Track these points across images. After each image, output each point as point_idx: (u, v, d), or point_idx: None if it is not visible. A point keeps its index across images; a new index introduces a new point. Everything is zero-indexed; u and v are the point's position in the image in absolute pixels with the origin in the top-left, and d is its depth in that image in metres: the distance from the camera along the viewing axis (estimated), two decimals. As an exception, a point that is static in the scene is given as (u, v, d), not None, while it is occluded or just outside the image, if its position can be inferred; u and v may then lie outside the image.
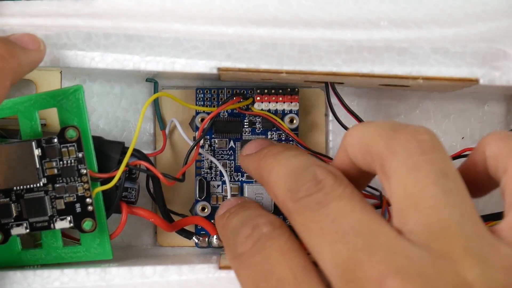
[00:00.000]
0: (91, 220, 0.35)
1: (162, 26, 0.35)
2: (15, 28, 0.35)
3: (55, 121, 0.37)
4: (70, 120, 0.35)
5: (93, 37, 0.35)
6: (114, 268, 0.35)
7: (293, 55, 0.34)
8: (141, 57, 0.35)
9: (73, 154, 0.35)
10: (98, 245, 0.36)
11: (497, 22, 0.34)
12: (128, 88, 0.41)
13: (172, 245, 0.42)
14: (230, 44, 0.34)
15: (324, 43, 0.34)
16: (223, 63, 0.35)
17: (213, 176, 0.41)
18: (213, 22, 0.35)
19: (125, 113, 0.42)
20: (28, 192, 0.35)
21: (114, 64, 0.35)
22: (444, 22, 0.34)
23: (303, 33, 0.34)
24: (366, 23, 0.34)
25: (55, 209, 0.35)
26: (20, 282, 0.34)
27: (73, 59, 0.35)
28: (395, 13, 0.35)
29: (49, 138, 0.34)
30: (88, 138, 0.35)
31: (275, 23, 0.34)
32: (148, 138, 0.42)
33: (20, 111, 0.35)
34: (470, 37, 0.34)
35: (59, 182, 0.35)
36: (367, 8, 0.35)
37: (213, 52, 0.35)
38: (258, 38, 0.34)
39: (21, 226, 0.35)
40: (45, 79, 0.39)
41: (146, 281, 0.34)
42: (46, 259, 0.36)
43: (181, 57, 0.35)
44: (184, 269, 0.34)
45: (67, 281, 0.34)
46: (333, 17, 0.35)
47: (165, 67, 0.35)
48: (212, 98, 0.41)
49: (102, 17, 0.35)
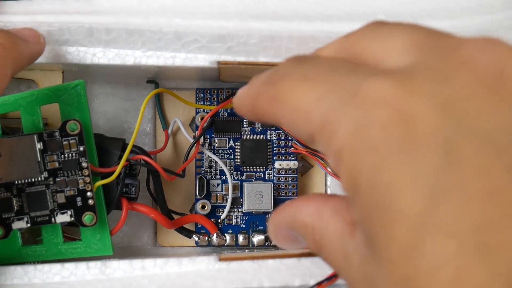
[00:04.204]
0: (91, 214, 0.35)
1: (163, 21, 0.35)
2: (17, 25, 0.36)
3: (57, 119, 0.37)
4: (71, 115, 0.35)
5: (94, 33, 0.36)
6: (114, 261, 0.35)
7: (292, 48, 0.35)
8: (142, 52, 0.36)
9: (75, 147, 0.35)
10: (99, 240, 0.36)
11: (492, 15, 0.35)
12: (129, 89, 0.42)
13: (172, 245, 0.42)
14: (230, 37, 0.35)
15: (322, 35, 0.34)
16: (223, 56, 0.35)
17: (213, 175, 0.41)
18: (213, 16, 0.35)
19: (126, 114, 0.42)
20: (29, 186, 0.35)
21: (115, 60, 0.36)
22: (440, 15, 0.35)
23: (301, 26, 0.35)
24: (363, 16, 0.35)
25: (56, 203, 0.35)
26: (21, 277, 0.34)
27: (75, 55, 0.36)
28: (392, 7, 0.35)
29: (51, 131, 0.35)
30: (90, 132, 0.35)
31: (274, 17, 0.35)
32: (149, 138, 0.42)
33: (22, 106, 0.35)
34: (465, 28, 0.34)
35: (60, 175, 0.35)
36: (364, 3, 0.35)
37: (213, 46, 0.35)
38: (257, 31, 0.35)
39: (22, 220, 0.35)
40: (47, 79, 0.40)
41: (147, 273, 0.34)
42: (47, 255, 0.36)
43: (181, 51, 0.36)
44: (184, 261, 0.34)
45: (67, 275, 0.34)
46: (330, 12, 0.35)
47: (165, 62, 0.36)
48: (212, 98, 0.41)
49: (104, 14, 0.36)
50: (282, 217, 0.28)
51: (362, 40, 0.23)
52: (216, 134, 0.41)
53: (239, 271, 0.34)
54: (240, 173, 0.41)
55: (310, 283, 0.35)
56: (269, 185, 0.40)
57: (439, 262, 0.17)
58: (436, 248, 0.17)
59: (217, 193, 0.41)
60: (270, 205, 0.40)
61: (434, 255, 0.17)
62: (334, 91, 0.21)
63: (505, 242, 0.17)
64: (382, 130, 0.19)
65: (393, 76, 0.19)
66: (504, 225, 0.17)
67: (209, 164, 0.41)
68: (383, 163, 0.18)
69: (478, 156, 0.18)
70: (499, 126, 0.18)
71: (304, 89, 0.21)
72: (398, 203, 0.18)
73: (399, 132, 0.18)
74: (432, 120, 0.18)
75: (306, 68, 0.22)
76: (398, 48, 0.21)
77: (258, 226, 0.41)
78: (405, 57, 0.21)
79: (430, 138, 0.18)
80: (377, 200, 0.19)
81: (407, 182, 0.18)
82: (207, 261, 0.34)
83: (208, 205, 0.41)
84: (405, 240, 0.18)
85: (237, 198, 0.41)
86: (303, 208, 0.26)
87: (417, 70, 0.20)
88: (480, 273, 0.17)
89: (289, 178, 0.41)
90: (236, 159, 0.41)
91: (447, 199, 0.17)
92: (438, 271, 0.17)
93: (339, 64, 0.22)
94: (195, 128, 0.41)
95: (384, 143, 0.19)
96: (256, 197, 0.40)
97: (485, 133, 0.18)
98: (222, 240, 0.40)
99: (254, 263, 0.34)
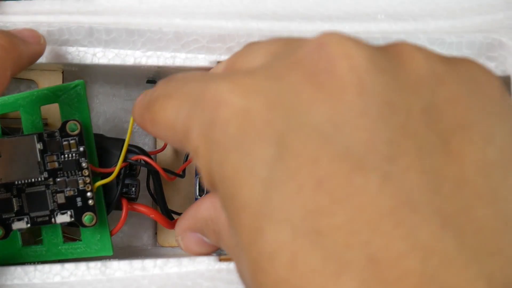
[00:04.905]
0: (91, 214, 0.35)
1: (163, 21, 0.35)
2: (17, 25, 0.36)
3: (57, 120, 0.37)
4: (71, 115, 0.35)
5: (94, 33, 0.36)
6: (114, 262, 0.35)
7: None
8: (142, 52, 0.36)
9: (75, 147, 0.35)
10: (99, 240, 0.36)
11: (492, 14, 0.35)
12: (129, 89, 0.42)
13: (172, 245, 0.42)
14: (230, 37, 0.35)
15: (322, 35, 0.34)
16: (223, 56, 0.35)
17: (213, 175, 0.41)
18: (213, 17, 0.35)
19: (126, 114, 0.42)
20: (29, 186, 0.35)
21: (115, 60, 0.36)
22: (440, 15, 0.35)
23: (302, 26, 0.35)
24: (363, 16, 0.35)
25: (56, 203, 0.35)
26: (21, 277, 0.34)
27: (75, 55, 0.36)
28: (392, 7, 0.35)
29: (51, 131, 0.35)
30: (90, 132, 0.35)
31: (274, 17, 0.35)
32: (149, 138, 0.42)
33: (22, 106, 0.35)
34: (465, 28, 0.34)
35: (60, 176, 0.35)
36: (364, 3, 0.35)
37: (213, 46, 0.35)
38: (257, 31, 0.35)
39: (22, 220, 0.35)
40: (47, 79, 0.40)
41: (147, 274, 0.34)
42: (47, 256, 0.36)
43: (181, 52, 0.36)
44: (184, 261, 0.34)
45: (67, 276, 0.34)
46: (330, 12, 0.35)
47: (165, 62, 0.36)
48: (212, 98, 0.41)
49: (104, 14, 0.36)
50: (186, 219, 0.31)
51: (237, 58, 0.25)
52: (216, 134, 0.41)
53: (239, 271, 0.34)
54: (240, 173, 0.41)
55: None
56: (269, 185, 0.40)
57: (276, 247, 0.19)
58: (273, 235, 0.19)
59: (217, 193, 0.41)
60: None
61: (272, 241, 0.19)
62: (187, 100, 0.23)
63: (333, 226, 0.18)
64: (221, 127, 0.20)
65: (231, 78, 0.21)
66: (332, 211, 0.18)
67: (209, 164, 0.41)
68: (226, 158, 0.20)
69: (306, 147, 0.19)
70: (325, 118, 0.19)
71: (168, 106, 0.24)
72: (240, 194, 0.20)
73: (235, 127, 0.20)
74: (264, 115, 0.20)
75: (170, 86, 0.25)
76: (257, 58, 0.23)
77: (258, 226, 0.41)
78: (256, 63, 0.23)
79: (262, 132, 0.20)
80: (226, 192, 0.20)
81: (245, 174, 0.20)
82: (207, 261, 0.34)
83: (208, 205, 0.41)
84: (249, 227, 0.19)
85: (237, 198, 0.41)
86: (201, 205, 0.30)
87: (255, 71, 0.21)
88: (313, 256, 0.18)
89: (289, 178, 0.41)
90: (236, 159, 0.41)
91: (280, 189, 0.19)
92: (277, 255, 0.19)
93: (193, 77, 0.24)
94: (195, 128, 0.41)
95: (224, 139, 0.20)
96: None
97: (313, 125, 0.19)
98: (222, 240, 0.40)
99: (254, 263, 0.34)
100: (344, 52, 0.20)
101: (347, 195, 0.18)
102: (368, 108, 0.19)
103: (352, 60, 0.20)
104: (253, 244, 0.19)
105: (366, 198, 0.18)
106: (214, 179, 0.21)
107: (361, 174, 0.18)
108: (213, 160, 0.21)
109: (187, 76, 0.25)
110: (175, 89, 0.24)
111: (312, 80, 0.20)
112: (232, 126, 0.20)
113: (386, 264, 0.18)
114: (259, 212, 0.19)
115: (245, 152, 0.20)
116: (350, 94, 0.20)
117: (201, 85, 0.22)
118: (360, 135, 0.19)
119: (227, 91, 0.21)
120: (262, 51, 0.23)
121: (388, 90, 0.20)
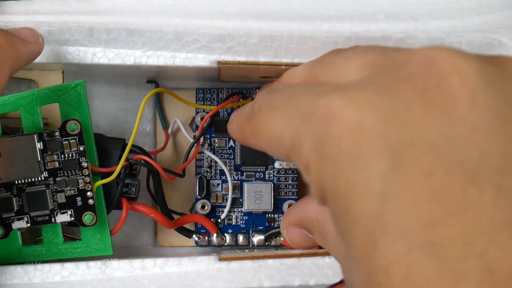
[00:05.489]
0: (91, 214, 0.35)
1: (163, 21, 0.35)
2: (17, 25, 0.35)
3: (57, 119, 0.37)
4: (71, 115, 0.35)
5: (95, 32, 0.36)
6: (114, 261, 0.35)
7: (292, 48, 0.35)
8: (142, 52, 0.36)
9: (75, 147, 0.35)
10: (99, 240, 0.37)
11: (492, 15, 0.35)
12: (129, 89, 0.42)
13: (172, 245, 0.42)
14: (230, 37, 0.35)
15: (322, 35, 0.34)
16: (223, 56, 0.35)
17: (213, 175, 0.41)
18: (213, 16, 0.35)
19: (126, 114, 0.42)
20: (29, 186, 0.35)
21: (115, 60, 0.36)
22: (440, 15, 0.35)
23: (301, 25, 0.35)
24: (363, 16, 0.35)
25: (56, 202, 0.35)
26: (21, 277, 0.34)
27: (75, 55, 0.36)
28: (392, 7, 0.35)
29: (51, 131, 0.35)
30: (90, 132, 0.36)
31: (274, 17, 0.35)
32: (149, 138, 0.42)
33: (22, 106, 0.35)
34: (465, 28, 0.35)
35: (60, 175, 0.35)
36: (364, 3, 0.36)
37: (213, 46, 0.35)
38: (257, 31, 0.35)
39: (22, 220, 0.35)
40: (47, 79, 0.40)
41: (147, 273, 0.34)
42: (47, 255, 0.36)
43: (181, 51, 0.36)
44: (184, 261, 0.34)
45: (67, 275, 0.35)
46: (330, 12, 0.35)
47: (165, 61, 0.36)
48: (212, 98, 0.41)
49: (104, 13, 0.36)
50: (292, 215, 0.31)
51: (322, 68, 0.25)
52: (216, 134, 0.41)
53: (239, 271, 0.34)
54: (240, 173, 0.41)
55: (310, 283, 0.35)
56: (269, 185, 0.40)
57: (392, 259, 0.19)
58: (388, 247, 0.19)
59: (217, 193, 0.41)
60: (270, 205, 0.40)
61: (387, 253, 0.19)
62: (296, 113, 0.23)
63: (449, 239, 0.18)
64: (335, 142, 0.21)
65: (342, 92, 0.21)
66: (448, 223, 0.18)
67: (209, 164, 0.41)
68: (339, 173, 0.21)
69: (421, 161, 0.19)
70: (438, 133, 0.20)
71: (274, 118, 0.25)
72: (354, 208, 0.20)
73: (349, 142, 0.20)
74: (378, 129, 0.20)
75: (273, 98, 0.25)
76: (353, 69, 0.23)
77: (258, 226, 0.41)
78: (358, 75, 0.23)
79: (377, 146, 0.20)
80: (339, 206, 0.21)
81: (360, 188, 0.20)
82: (207, 261, 0.34)
83: (208, 205, 0.41)
84: (363, 241, 0.20)
85: (237, 198, 0.41)
86: (308, 205, 0.30)
87: (365, 85, 0.22)
88: (429, 268, 0.18)
89: (289, 178, 0.41)
90: (236, 159, 0.41)
91: (395, 202, 0.19)
92: (392, 267, 0.19)
93: (299, 89, 0.24)
94: (195, 128, 0.41)
95: (338, 154, 0.21)
96: (256, 197, 0.40)
97: (426, 139, 0.20)
98: (222, 240, 0.40)
99: (254, 263, 0.34)
100: (454, 68, 0.20)
101: (462, 208, 0.18)
102: (479, 122, 0.20)
103: (462, 75, 0.20)
104: (367, 257, 0.20)
105: (481, 210, 0.18)
106: (325, 194, 0.22)
107: (475, 186, 0.19)
108: (326, 175, 0.21)
109: (293, 88, 0.25)
110: (280, 101, 0.25)
111: (423, 96, 0.20)
112: (346, 140, 0.20)
113: (503, 276, 0.18)
114: (375, 224, 0.19)
115: (359, 166, 0.20)
116: (462, 109, 0.20)
117: (311, 98, 0.22)
118: (473, 149, 0.19)
119: (340, 106, 0.21)
120: (356, 63, 0.23)
121: (498, 103, 0.20)
